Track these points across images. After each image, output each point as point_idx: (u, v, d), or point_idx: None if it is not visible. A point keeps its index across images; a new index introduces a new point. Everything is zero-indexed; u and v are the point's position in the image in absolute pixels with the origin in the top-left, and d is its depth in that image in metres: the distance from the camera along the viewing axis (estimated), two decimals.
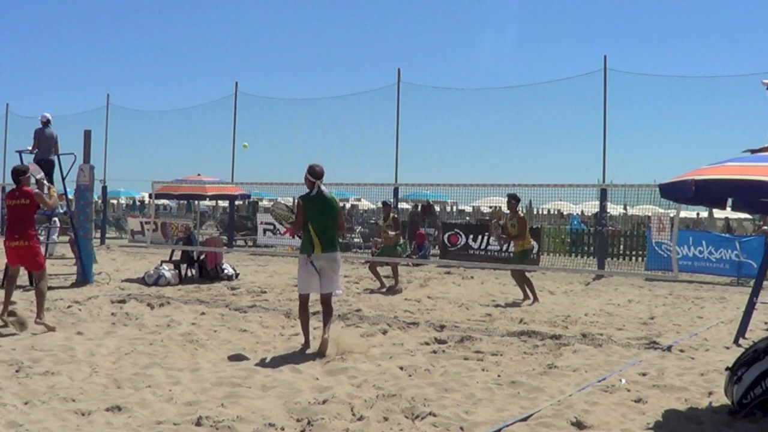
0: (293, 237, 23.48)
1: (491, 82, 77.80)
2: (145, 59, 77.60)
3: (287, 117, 37.95)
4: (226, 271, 15.55)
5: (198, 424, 5.30)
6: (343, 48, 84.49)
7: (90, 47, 79.57)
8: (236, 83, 29.27)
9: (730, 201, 6.68)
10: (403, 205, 28.81)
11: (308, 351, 8.01)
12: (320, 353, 7.80)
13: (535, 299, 12.89)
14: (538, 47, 74.98)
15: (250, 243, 27.23)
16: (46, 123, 13.90)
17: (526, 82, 54.28)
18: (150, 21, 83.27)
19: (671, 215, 10.78)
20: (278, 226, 23.63)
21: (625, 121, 40.63)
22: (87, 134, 13.55)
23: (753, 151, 8.91)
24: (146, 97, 75.93)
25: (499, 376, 7.10)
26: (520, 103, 35.75)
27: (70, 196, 17.47)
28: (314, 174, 8.22)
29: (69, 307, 10.48)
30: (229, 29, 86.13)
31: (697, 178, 5.80)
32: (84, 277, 13.58)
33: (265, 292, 13.43)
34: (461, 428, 5.40)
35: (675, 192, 6.20)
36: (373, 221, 28.56)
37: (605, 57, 22.11)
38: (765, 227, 10.26)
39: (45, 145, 13.77)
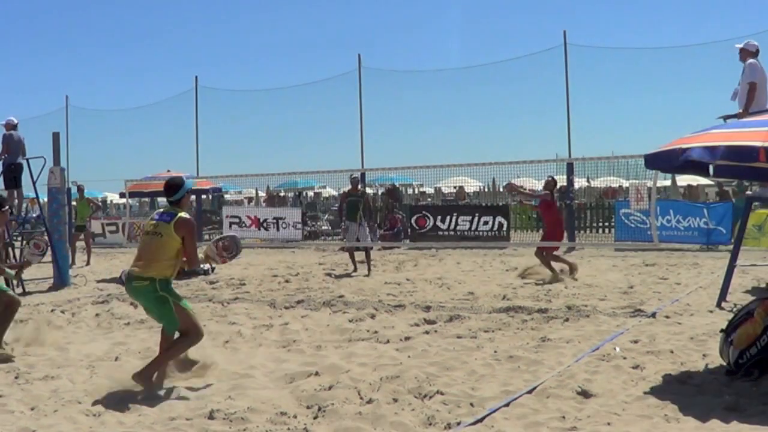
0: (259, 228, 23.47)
1: (452, 63, 78.10)
2: (102, 59, 76.17)
3: (249, 108, 37.59)
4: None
5: (211, 417, 5.30)
6: (303, 36, 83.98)
7: (45, 49, 77.82)
8: (196, 77, 28.92)
9: (711, 168, 6.81)
10: (369, 190, 28.71)
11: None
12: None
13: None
14: (498, 25, 75.13)
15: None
16: (13, 126, 13.65)
17: (487, 62, 54.21)
18: (104, 21, 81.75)
19: (648, 185, 10.95)
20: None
21: (587, 95, 41.11)
22: (56, 137, 13.29)
23: (726, 118, 9.16)
24: (106, 96, 74.62)
25: (495, 351, 7.20)
26: (482, 82, 35.86)
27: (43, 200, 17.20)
28: None
29: (52, 311, 10.36)
30: (186, 23, 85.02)
31: (684, 146, 5.93)
32: (61, 281, 13.38)
33: (245, 284, 13.40)
34: (471, 404, 5.49)
35: (663, 161, 6.31)
36: (335, 207, 28.50)
37: (564, 32, 22.36)
38: (749, 192, 10.49)
39: (14, 149, 13.53)
